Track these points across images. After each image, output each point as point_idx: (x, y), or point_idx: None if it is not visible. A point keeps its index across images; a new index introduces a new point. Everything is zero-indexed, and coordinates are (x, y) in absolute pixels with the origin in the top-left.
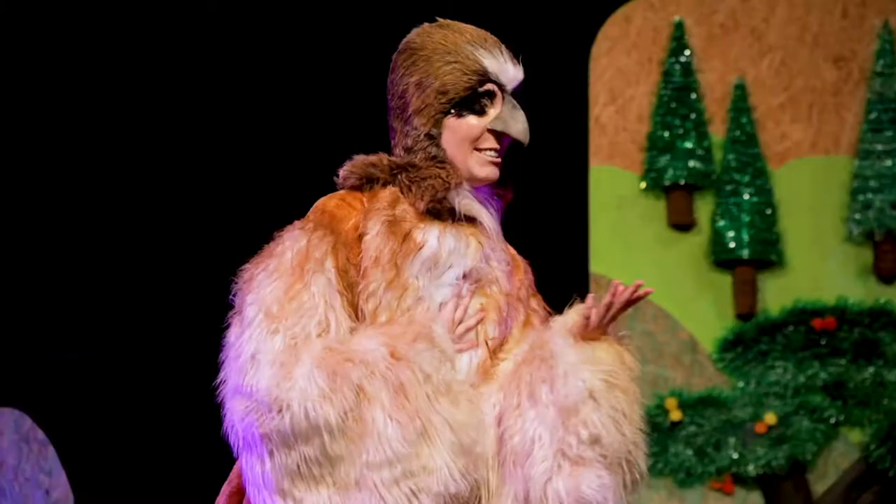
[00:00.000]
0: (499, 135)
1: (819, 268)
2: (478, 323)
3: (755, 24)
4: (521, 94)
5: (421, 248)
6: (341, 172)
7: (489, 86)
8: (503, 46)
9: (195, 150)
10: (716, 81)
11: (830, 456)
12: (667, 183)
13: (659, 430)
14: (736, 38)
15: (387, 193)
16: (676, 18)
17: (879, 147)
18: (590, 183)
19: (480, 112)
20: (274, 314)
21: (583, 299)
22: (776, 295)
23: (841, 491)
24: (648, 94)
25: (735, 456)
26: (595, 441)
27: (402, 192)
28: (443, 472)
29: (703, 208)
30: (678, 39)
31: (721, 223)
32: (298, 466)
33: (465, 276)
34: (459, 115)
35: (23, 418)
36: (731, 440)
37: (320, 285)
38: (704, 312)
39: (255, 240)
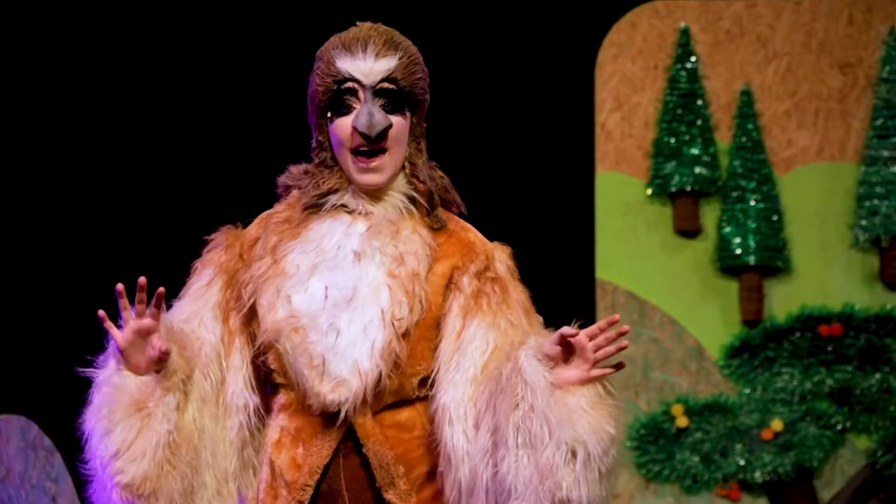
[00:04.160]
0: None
1: (825, 274)
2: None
3: (761, 31)
4: (409, 87)
5: (297, 236)
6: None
7: (349, 84)
8: (372, 43)
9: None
10: (721, 88)
11: (837, 462)
12: (673, 189)
13: (665, 436)
14: (742, 44)
15: (295, 196)
16: (682, 25)
17: (885, 153)
18: (596, 189)
19: (348, 111)
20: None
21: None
22: (782, 301)
23: (847, 497)
24: (654, 100)
25: (741, 462)
26: (566, 501)
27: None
28: None
29: (709, 215)
30: (684, 46)
31: (727, 229)
32: None
33: (354, 255)
34: (333, 119)
35: (29, 425)
36: (738, 447)
37: (195, 286)
38: (711, 319)
39: None
